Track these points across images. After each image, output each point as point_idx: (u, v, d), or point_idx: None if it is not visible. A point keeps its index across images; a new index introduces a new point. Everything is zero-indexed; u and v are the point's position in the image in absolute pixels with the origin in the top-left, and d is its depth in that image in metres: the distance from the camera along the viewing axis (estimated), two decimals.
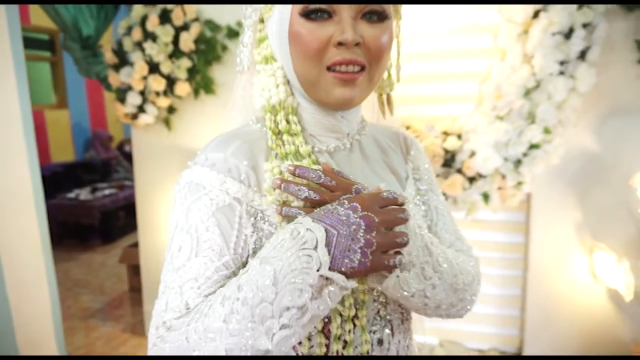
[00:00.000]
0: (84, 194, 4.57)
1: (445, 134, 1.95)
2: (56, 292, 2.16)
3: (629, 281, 1.78)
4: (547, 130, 1.79)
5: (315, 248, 0.49)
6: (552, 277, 2.03)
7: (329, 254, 0.49)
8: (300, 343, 0.59)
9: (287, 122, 0.62)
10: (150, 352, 0.54)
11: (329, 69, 0.58)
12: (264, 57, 0.64)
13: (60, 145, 5.53)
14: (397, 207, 0.55)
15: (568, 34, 1.71)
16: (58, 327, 2.17)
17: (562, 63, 1.74)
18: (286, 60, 0.61)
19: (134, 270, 3.17)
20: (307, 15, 0.57)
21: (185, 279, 0.55)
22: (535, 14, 1.75)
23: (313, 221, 0.51)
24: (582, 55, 1.73)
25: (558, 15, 1.69)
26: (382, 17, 0.59)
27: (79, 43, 2.34)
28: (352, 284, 0.50)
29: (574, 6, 1.69)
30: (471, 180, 1.92)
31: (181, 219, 0.58)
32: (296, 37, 0.58)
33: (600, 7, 1.69)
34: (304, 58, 0.59)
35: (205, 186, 0.58)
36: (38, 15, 4.81)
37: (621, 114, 1.84)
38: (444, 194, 1.93)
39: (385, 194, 0.55)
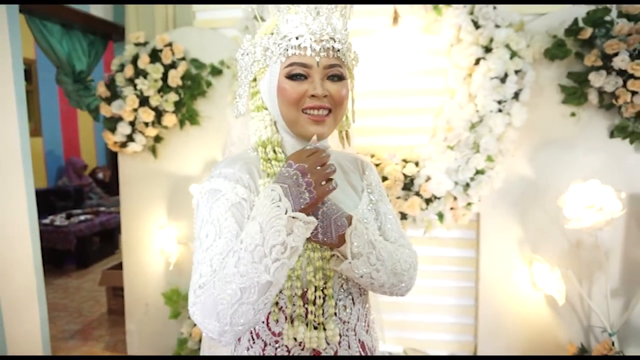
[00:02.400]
0: (59, 219, 4.62)
1: (405, 161, 2.22)
2: (45, 312, 2.27)
3: (561, 288, 2.07)
4: (490, 159, 2.09)
5: (280, 200, 0.71)
6: (500, 287, 2.30)
7: (289, 201, 0.72)
8: (286, 307, 0.82)
9: (274, 152, 0.87)
10: (191, 310, 0.74)
11: (304, 111, 0.84)
12: (256, 107, 0.90)
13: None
14: (319, 152, 0.76)
15: (503, 79, 2.04)
16: (46, 346, 2.27)
17: (499, 102, 2.06)
18: (274, 107, 0.87)
19: (114, 292, 3.27)
20: (290, 77, 0.83)
21: (213, 254, 0.76)
22: (477, 61, 2.08)
23: (274, 184, 0.74)
24: (516, 96, 2.06)
25: (495, 63, 2.02)
26: (341, 78, 0.85)
27: (71, 77, 2.53)
28: (311, 219, 0.73)
29: (508, 55, 2.02)
30: (427, 201, 2.19)
31: (205, 215, 0.80)
32: (282, 91, 0.84)
33: (528, 57, 2.03)
34: (287, 105, 0.84)
35: (221, 190, 0.81)
36: None
37: (550, 145, 2.17)
38: (404, 214, 2.20)
39: (308, 146, 0.77)
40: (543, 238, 2.22)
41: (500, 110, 2.06)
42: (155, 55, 2.34)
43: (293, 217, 0.71)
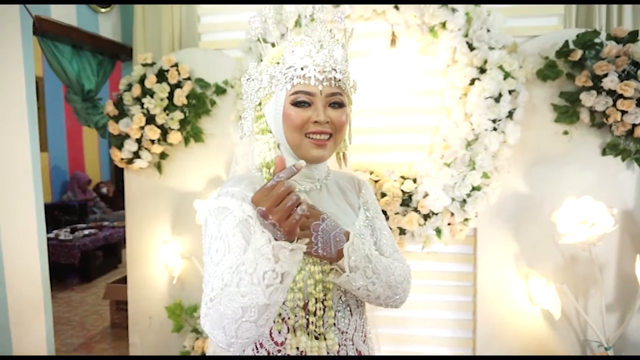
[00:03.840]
0: (63, 234, 4.68)
1: (403, 177, 2.28)
2: (51, 325, 2.31)
3: (556, 302, 2.11)
4: (485, 175, 2.15)
5: (263, 231, 0.74)
6: (497, 301, 2.34)
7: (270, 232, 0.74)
8: (289, 318, 0.88)
9: None
10: (202, 321, 0.79)
11: (307, 136, 0.90)
12: (261, 130, 0.96)
13: None
14: (278, 186, 0.72)
15: (498, 98, 2.11)
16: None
17: (494, 121, 2.13)
18: (279, 130, 0.93)
19: (117, 305, 3.31)
20: (295, 104, 0.90)
21: (224, 268, 0.81)
22: (472, 82, 2.16)
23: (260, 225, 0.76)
24: (510, 115, 2.13)
25: (489, 83, 2.10)
26: (341, 105, 0.92)
27: (80, 96, 2.62)
28: (297, 245, 0.74)
29: (502, 76, 2.10)
30: (425, 217, 2.24)
31: (215, 231, 0.86)
32: (287, 117, 0.90)
33: (521, 78, 2.11)
34: (292, 129, 0.90)
35: (229, 208, 0.87)
36: None
37: (544, 163, 2.23)
38: (403, 230, 2.25)
39: (268, 184, 0.73)
40: (538, 253, 2.27)
41: (495, 129, 2.13)
42: (161, 75, 2.43)
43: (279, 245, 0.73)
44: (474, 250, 2.39)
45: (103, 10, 2.71)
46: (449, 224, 2.24)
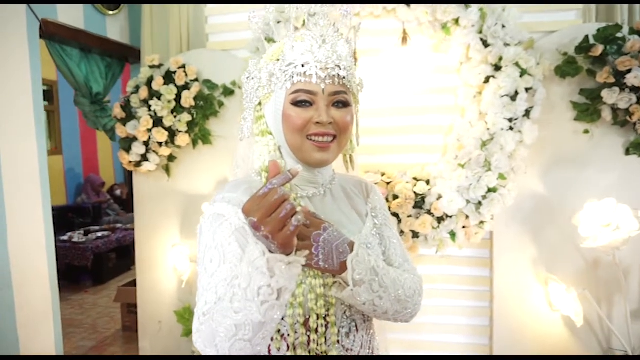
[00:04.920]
0: (76, 236, 4.71)
1: (416, 179, 2.21)
2: (60, 329, 2.29)
3: (578, 309, 2.02)
4: (501, 177, 2.07)
5: (257, 242, 0.67)
6: (515, 307, 2.25)
7: (264, 244, 0.66)
8: (288, 335, 0.81)
9: None
10: (194, 337, 0.73)
11: (309, 138, 0.84)
12: (261, 131, 0.90)
13: (53, 190, 5.63)
14: (271, 194, 0.64)
15: (514, 96, 2.03)
16: None
17: (510, 120, 2.05)
18: (279, 132, 0.87)
19: (128, 308, 3.30)
20: (296, 104, 0.83)
21: (218, 280, 0.75)
22: (487, 79, 2.08)
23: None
24: (527, 113, 2.05)
25: (504, 81, 2.01)
26: (346, 104, 0.86)
27: (89, 99, 2.60)
28: (294, 258, 0.66)
29: (518, 73, 2.02)
30: (439, 220, 2.17)
31: (210, 240, 0.80)
32: (288, 117, 0.84)
33: (538, 75, 2.02)
34: (292, 131, 0.84)
35: (224, 215, 0.81)
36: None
37: (563, 163, 2.14)
38: (416, 233, 2.18)
39: (260, 192, 0.65)
40: (558, 257, 2.17)
41: (511, 128, 2.05)
42: (169, 77, 2.40)
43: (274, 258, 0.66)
44: (490, 254, 2.30)
45: (111, 12, 2.69)
46: (463, 227, 2.17)
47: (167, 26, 2.57)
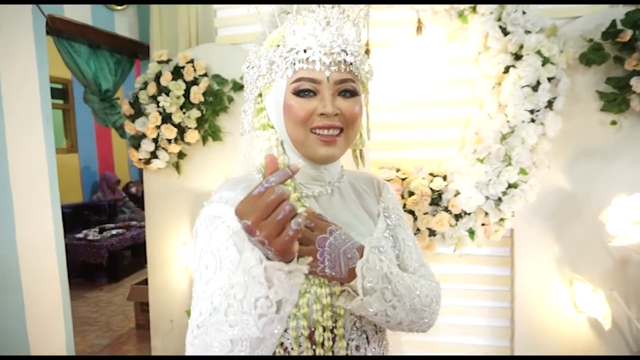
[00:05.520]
0: (92, 234, 4.73)
1: (432, 175, 2.13)
2: (71, 329, 2.28)
3: (606, 310, 1.91)
4: (523, 172, 1.97)
5: (253, 248, 0.59)
6: (537, 308, 2.15)
7: (260, 250, 0.58)
8: (292, 349, 0.74)
9: None
10: (188, 350, 0.67)
11: (313, 131, 0.76)
12: (262, 125, 0.82)
13: (69, 188, 5.74)
14: (267, 194, 0.56)
15: (535, 87, 1.92)
16: None
17: (532, 111, 1.94)
18: (281, 125, 0.80)
19: (142, 307, 3.28)
20: (298, 93, 0.76)
21: (214, 289, 0.68)
22: (506, 69, 1.98)
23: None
24: (550, 104, 1.94)
25: (525, 70, 1.91)
26: (354, 94, 0.78)
27: (98, 96, 2.58)
28: (295, 266, 0.59)
29: (540, 62, 1.91)
30: (457, 217, 2.08)
31: (205, 244, 0.73)
32: (289, 109, 0.77)
33: (562, 63, 1.91)
34: (294, 124, 0.77)
35: (221, 217, 0.74)
36: (53, 66, 5.13)
37: (588, 156, 2.03)
38: (433, 231, 2.10)
39: (255, 191, 0.57)
40: (583, 256, 2.06)
41: (532, 120, 1.94)
42: (177, 72, 2.35)
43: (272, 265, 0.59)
44: (510, 252, 2.20)
45: (119, 7, 2.65)
46: (482, 225, 2.07)
47: (175, 20, 2.52)
